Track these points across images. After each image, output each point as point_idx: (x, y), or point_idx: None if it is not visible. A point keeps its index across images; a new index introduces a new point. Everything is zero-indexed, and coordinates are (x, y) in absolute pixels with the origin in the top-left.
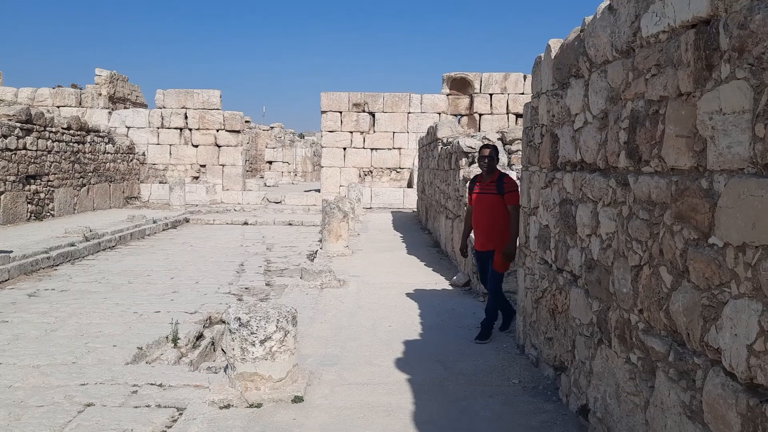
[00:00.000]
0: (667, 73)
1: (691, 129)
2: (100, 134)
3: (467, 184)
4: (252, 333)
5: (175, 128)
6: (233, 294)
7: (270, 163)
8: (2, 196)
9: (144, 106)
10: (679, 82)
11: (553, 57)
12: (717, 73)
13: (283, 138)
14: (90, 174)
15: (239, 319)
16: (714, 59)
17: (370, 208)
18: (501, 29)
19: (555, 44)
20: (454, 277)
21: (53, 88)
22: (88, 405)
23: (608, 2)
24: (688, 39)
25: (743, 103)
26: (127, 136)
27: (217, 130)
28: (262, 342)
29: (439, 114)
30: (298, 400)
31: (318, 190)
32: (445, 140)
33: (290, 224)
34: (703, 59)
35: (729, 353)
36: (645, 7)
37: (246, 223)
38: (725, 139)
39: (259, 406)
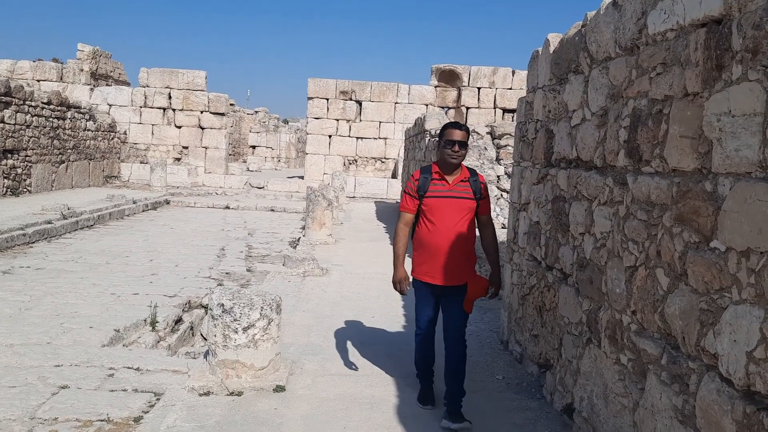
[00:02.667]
0: (673, 72)
1: (697, 130)
2: (81, 111)
3: (412, 179)
4: (235, 320)
5: (159, 108)
6: (213, 279)
7: (253, 147)
8: None
9: (127, 84)
10: (686, 82)
11: (551, 52)
12: (727, 74)
13: (267, 123)
14: (69, 151)
15: (222, 305)
16: (725, 60)
17: (354, 197)
18: (491, 24)
19: (554, 39)
20: None
21: (34, 61)
22: (63, 387)
23: None
24: (698, 38)
25: (755, 105)
26: (108, 113)
27: (201, 112)
28: (245, 329)
29: (427, 105)
30: (279, 389)
31: (301, 177)
32: (433, 132)
33: (272, 210)
34: (713, 59)
35: (727, 359)
36: (653, 4)
37: (228, 207)
38: (733, 142)
39: (239, 394)
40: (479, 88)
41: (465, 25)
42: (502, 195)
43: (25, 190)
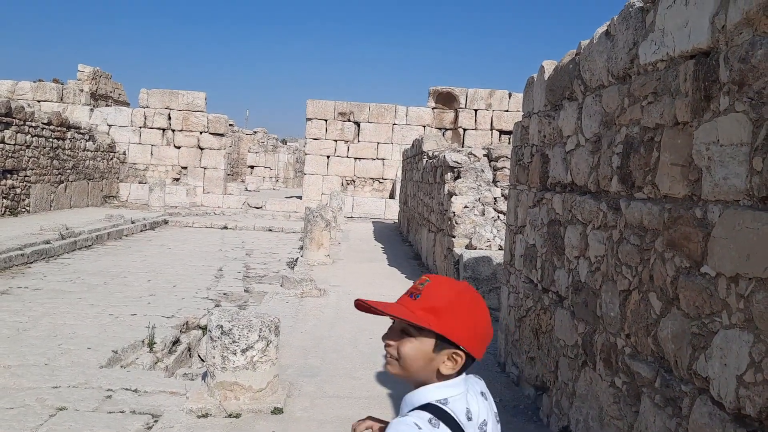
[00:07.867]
0: (663, 101)
1: (687, 158)
2: (81, 131)
3: None
4: (234, 341)
5: (158, 128)
6: (211, 299)
7: (252, 167)
8: None
9: (126, 104)
10: (676, 111)
11: (546, 78)
12: (715, 105)
13: (266, 143)
14: (69, 171)
15: (221, 326)
16: (713, 91)
17: (352, 217)
18: (488, 48)
19: (549, 66)
20: None
21: (34, 82)
22: (61, 409)
23: (605, 28)
24: (687, 69)
25: (741, 135)
26: (108, 134)
27: (201, 133)
28: (243, 351)
29: (424, 127)
30: (277, 411)
31: (299, 197)
32: (430, 153)
33: (270, 230)
34: (701, 90)
35: (717, 382)
36: (644, 35)
37: (226, 228)
38: (721, 170)
39: (237, 416)
40: (476, 110)
41: (463, 48)
42: (498, 217)
43: (23, 210)
